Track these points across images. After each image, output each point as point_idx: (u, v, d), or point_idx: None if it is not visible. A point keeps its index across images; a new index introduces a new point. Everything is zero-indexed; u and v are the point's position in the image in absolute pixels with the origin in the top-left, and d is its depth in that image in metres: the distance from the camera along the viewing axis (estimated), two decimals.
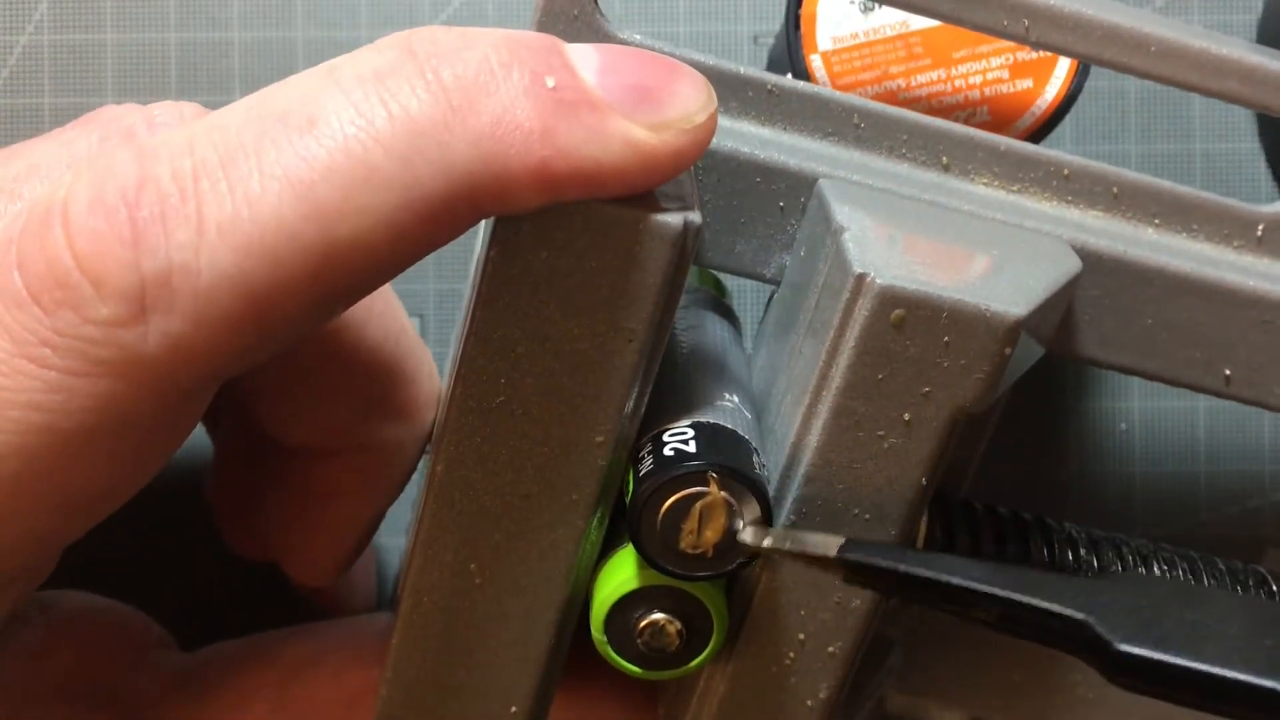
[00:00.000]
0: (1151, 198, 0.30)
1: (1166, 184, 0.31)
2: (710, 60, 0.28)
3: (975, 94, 0.32)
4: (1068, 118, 0.42)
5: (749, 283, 0.30)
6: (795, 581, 0.27)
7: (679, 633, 0.26)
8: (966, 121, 0.32)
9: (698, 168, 0.27)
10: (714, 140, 0.24)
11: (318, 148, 0.21)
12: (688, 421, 0.26)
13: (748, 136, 0.28)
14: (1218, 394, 0.31)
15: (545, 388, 0.25)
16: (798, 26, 0.33)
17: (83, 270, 0.21)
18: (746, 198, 0.28)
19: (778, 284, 0.29)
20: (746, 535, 0.25)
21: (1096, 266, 0.29)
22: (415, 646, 0.27)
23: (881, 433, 0.25)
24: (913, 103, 0.32)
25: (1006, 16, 0.28)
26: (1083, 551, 0.30)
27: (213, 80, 0.42)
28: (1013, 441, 0.41)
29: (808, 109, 0.29)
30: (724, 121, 0.28)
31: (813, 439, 0.25)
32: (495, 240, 0.23)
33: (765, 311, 0.31)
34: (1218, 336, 0.30)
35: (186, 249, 0.21)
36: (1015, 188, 0.30)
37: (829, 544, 0.24)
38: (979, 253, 0.27)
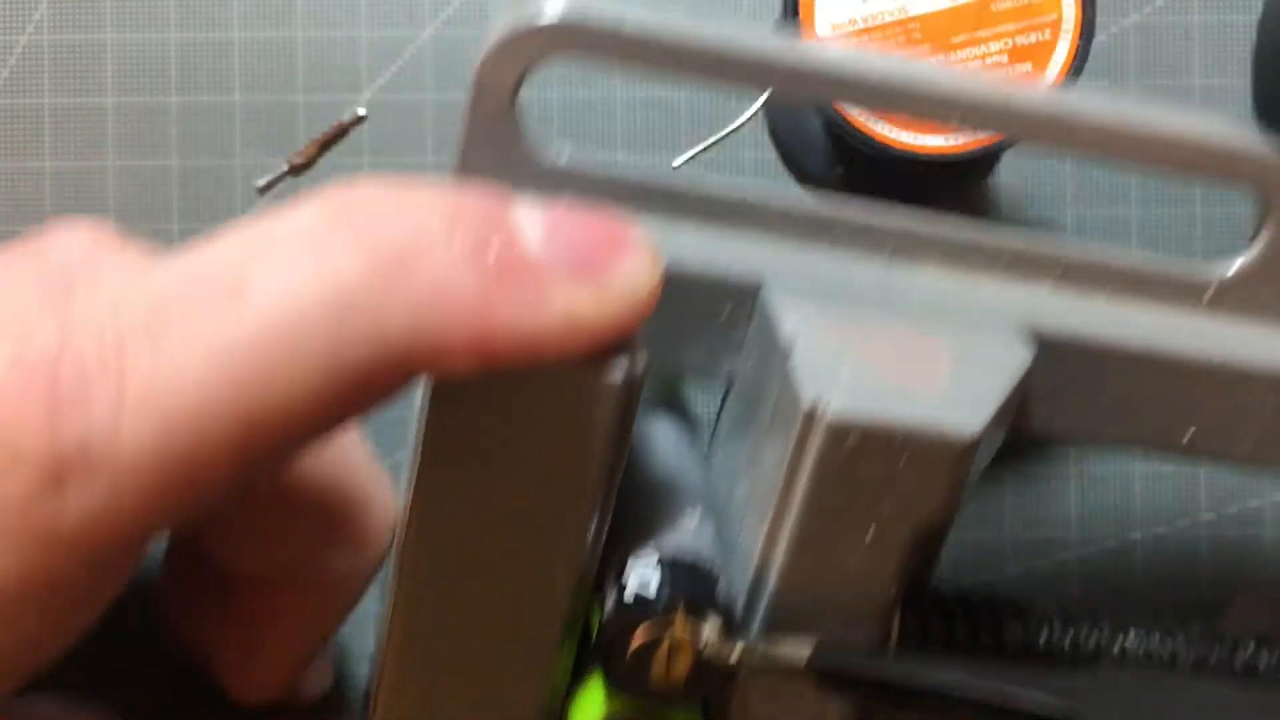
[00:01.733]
0: (1098, 270, 0.30)
1: (1114, 254, 0.30)
2: (647, 175, 0.28)
3: None
4: None
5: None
6: (770, 696, 0.26)
7: None
8: None
9: None
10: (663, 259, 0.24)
11: (245, 315, 0.20)
12: (649, 551, 0.26)
13: (689, 244, 0.28)
14: (1181, 453, 0.30)
15: (500, 544, 0.24)
16: (796, 13, 0.33)
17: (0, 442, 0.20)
18: (692, 304, 0.27)
19: (730, 383, 0.28)
20: (715, 651, 0.24)
21: (1049, 347, 0.29)
22: None
23: (845, 553, 0.25)
24: None
25: (941, 106, 0.28)
26: (1056, 634, 0.30)
27: (213, 80, 0.42)
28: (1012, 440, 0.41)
29: (748, 210, 0.28)
30: (665, 228, 0.27)
31: (777, 559, 0.25)
32: (433, 402, 0.23)
33: (720, 409, 0.30)
34: (1176, 402, 0.30)
35: (106, 420, 0.20)
36: (962, 271, 0.29)
37: (799, 652, 0.24)
38: (929, 364, 0.26)
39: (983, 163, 0.42)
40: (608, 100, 0.42)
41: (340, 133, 0.42)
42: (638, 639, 0.24)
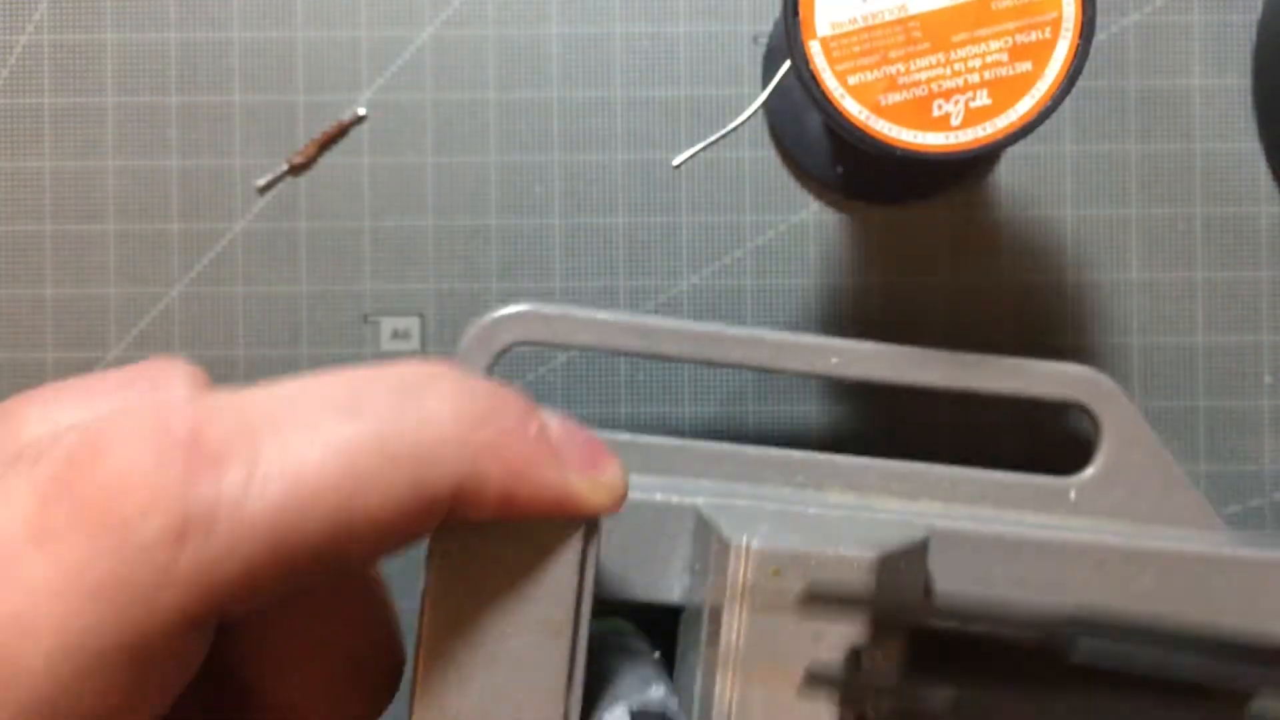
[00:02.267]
0: (978, 486, 0.38)
1: (989, 474, 0.38)
2: (603, 436, 0.35)
3: (975, 77, 0.32)
4: (1069, 120, 0.42)
5: None
6: None
7: None
8: (967, 105, 0.32)
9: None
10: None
11: (360, 428, 0.25)
12: (622, 707, 0.30)
13: (637, 484, 0.34)
14: None
15: (492, 690, 0.28)
16: (796, 13, 0.33)
17: (131, 497, 0.23)
18: (642, 532, 0.33)
19: (681, 609, 0.33)
20: None
21: (945, 542, 0.35)
22: None
23: (789, 681, 0.29)
24: (912, 86, 0.32)
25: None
26: None
27: (212, 80, 0.42)
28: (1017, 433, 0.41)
29: (681, 458, 0.37)
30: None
31: (735, 702, 0.29)
32: (433, 558, 0.28)
33: (679, 636, 0.34)
34: (1063, 579, 0.36)
35: (235, 487, 0.24)
36: (864, 492, 0.37)
37: None
38: (837, 526, 0.32)
39: (982, 162, 0.42)
40: (608, 101, 0.42)
41: (340, 132, 0.42)
42: None
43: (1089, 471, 0.39)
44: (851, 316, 0.42)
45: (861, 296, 0.42)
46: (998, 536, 0.36)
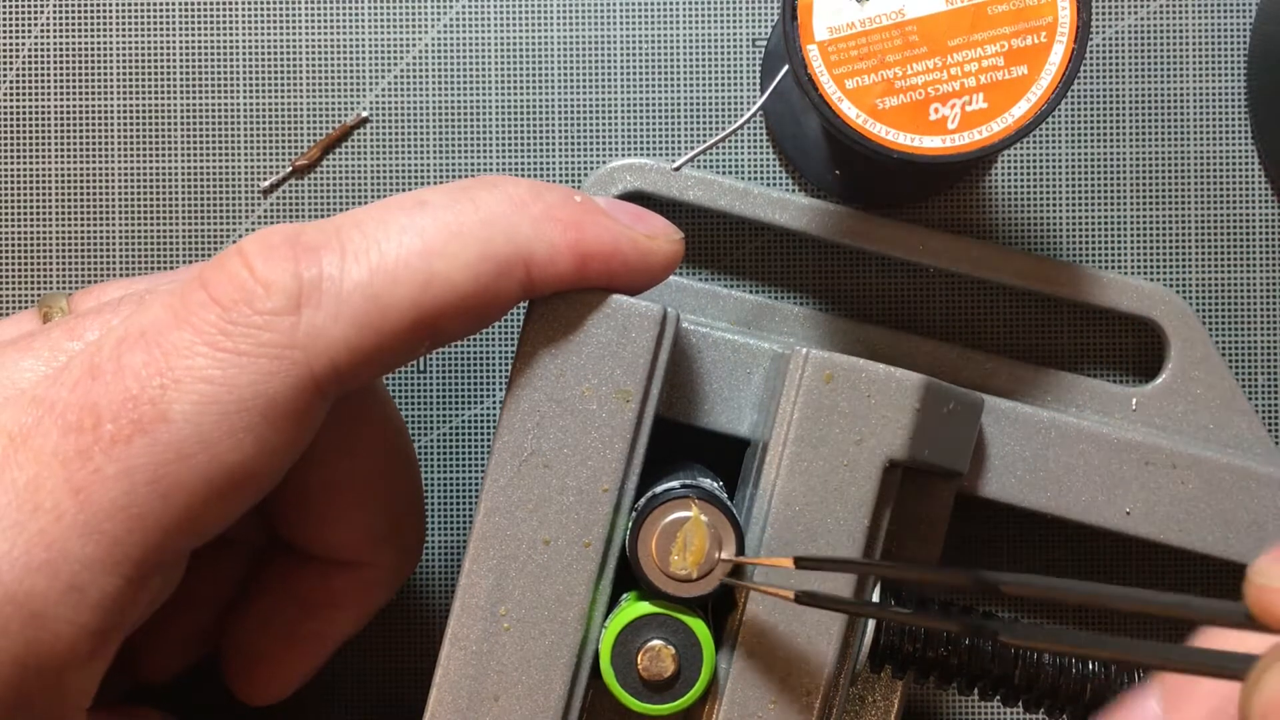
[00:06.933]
0: (1042, 384, 0.40)
1: (1055, 372, 0.41)
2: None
3: (971, 81, 0.33)
4: (1064, 120, 0.42)
5: None
6: (767, 611, 0.32)
7: (674, 658, 0.31)
8: (964, 109, 0.33)
9: (692, 346, 0.35)
10: (702, 330, 0.35)
11: (427, 216, 0.30)
12: (676, 481, 0.32)
13: (720, 329, 0.36)
14: (1124, 532, 0.38)
15: (562, 442, 0.31)
16: (794, 17, 0.33)
17: (256, 279, 0.29)
18: (721, 366, 0.35)
19: (748, 442, 0.35)
20: (724, 553, 0.31)
21: (1005, 419, 0.38)
22: (449, 692, 0.32)
23: (827, 478, 0.32)
24: (909, 90, 0.33)
25: None
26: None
27: (217, 83, 0.43)
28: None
29: (765, 315, 0.41)
30: (705, 324, 0.36)
31: (777, 485, 0.32)
32: (527, 323, 0.31)
33: (742, 469, 0.35)
34: (1112, 475, 0.38)
35: (333, 265, 0.29)
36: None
37: (790, 552, 0.30)
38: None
39: (978, 165, 0.42)
40: (609, 104, 0.43)
41: (344, 135, 0.43)
42: (662, 521, 0.31)
43: (1153, 384, 0.41)
44: (849, 316, 0.42)
45: (860, 297, 0.43)
46: (1053, 421, 0.38)
